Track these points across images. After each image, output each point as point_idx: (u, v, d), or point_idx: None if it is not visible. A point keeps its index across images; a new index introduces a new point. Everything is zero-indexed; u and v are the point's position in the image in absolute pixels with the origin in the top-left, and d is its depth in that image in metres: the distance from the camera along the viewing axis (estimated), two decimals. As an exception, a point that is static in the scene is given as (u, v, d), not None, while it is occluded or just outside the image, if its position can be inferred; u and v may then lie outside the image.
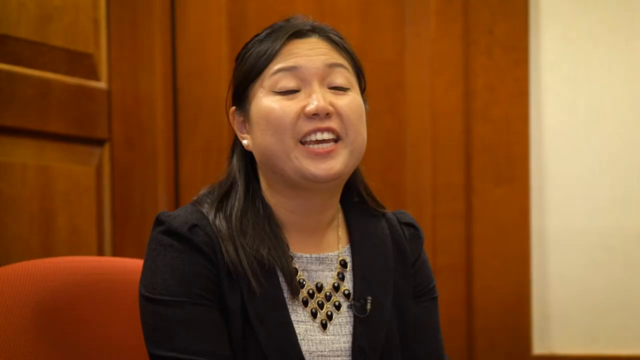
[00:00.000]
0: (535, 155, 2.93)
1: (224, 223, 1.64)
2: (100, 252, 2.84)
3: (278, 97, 1.64)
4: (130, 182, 2.95)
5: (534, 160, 2.93)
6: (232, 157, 1.74)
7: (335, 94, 1.65)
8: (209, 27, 3.00)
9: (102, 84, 2.89)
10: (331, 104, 1.63)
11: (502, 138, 2.93)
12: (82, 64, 2.82)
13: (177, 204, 2.95)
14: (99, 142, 2.89)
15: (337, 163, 1.63)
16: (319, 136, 1.63)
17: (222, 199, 1.68)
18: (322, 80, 1.65)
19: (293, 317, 1.63)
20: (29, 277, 1.73)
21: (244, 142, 1.70)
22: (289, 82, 1.64)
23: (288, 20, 1.72)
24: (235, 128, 1.72)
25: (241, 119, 1.71)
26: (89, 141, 2.86)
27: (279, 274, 1.64)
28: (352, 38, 2.91)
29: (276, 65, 1.65)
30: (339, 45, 1.69)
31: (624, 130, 2.91)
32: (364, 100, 1.71)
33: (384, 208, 1.80)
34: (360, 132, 1.66)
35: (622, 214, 2.90)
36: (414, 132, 2.97)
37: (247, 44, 1.72)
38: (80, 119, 2.80)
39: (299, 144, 1.62)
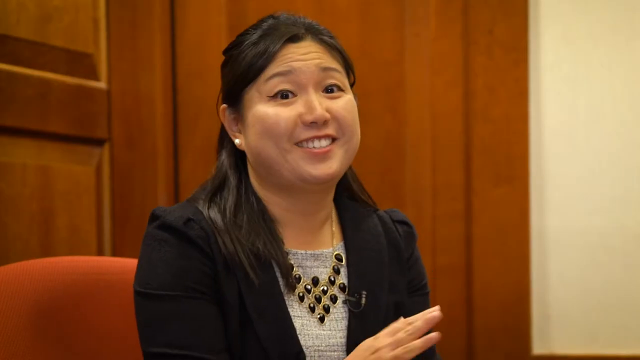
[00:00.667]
0: (535, 155, 2.93)
1: (218, 216, 1.65)
2: (100, 252, 2.84)
3: (274, 103, 1.65)
4: (130, 182, 2.95)
5: (534, 160, 2.93)
6: (220, 152, 1.75)
7: (330, 97, 1.67)
8: (209, 27, 3.00)
9: (102, 84, 2.89)
10: (328, 109, 1.65)
11: (502, 138, 2.93)
12: (82, 64, 2.82)
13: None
14: (99, 142, 2.89)
15: (334, 163, 1.66)
16: (317, 143, 1.65)
17: (214, 193, 1.69)
18: (317, 84, 1.67)
19: (290, 312, 1.64)
20: (28, 276, 1.73)
21: (236, 141, 1.71)
22: (284, 87, 1.66)
23: (276, 18, 1.72)
24: (227, 126, 1.73)
25: (232, 116, 1.72)
26: (88, 141, 2.86)
27: (275, 268, 1.65)
28: (352, 38, 2.95)
29: (271, 71, 1.66)
30: (331, 47, 1.70)
31: (624, 130, 2.91)
32: (354, 95, 1.72)
33: (375, 204, 1.81)
34: (355, 133, 1.69)
35: (622, 214, 2.90)
36: (414, 132, 2.97)
37: (237, 43, 1.72)
38: (80, 119, 2.80)
39: (295, 146, 1.64)
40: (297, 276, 1.68)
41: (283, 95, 1.66)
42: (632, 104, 2.91)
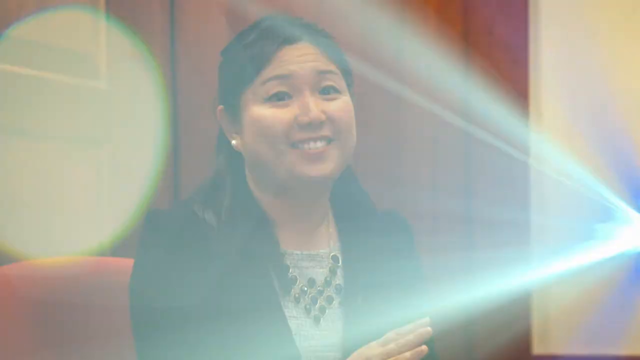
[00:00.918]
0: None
1: (213, 218, 1.66)
2: (100, 252, 2.84)
3: (270, 105, 1.66)
4: (130, 182, 2.95)
5: (534, 160, 2.93)
6: (218, 154, 1.75)
7: (326, 99, 1.67)
8: (209, 27, 3.00)
9: (102, 84, 2.89)
10: (323, 111, 1.65)
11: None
12: (82, 64, 2.82)
13: (177, 204, 2.95)
14: (99, 142, 2.89)
15: (330, 163, 1.66)
16: (312, 144, 1.65)
17: (210, 195, 1.70)
18: (313, 86, 1.67)
19: (285, 313, 1.65)
20: (27, 276, 1.74)
21: (233, 142, 1.72)
22: (280, 90, 1.66)
23: (273, 19, 1.72)
24: (224, 127, 1.74)
25: (229, 118, 1.72)
26: (88, 141, 2.86)
27: (270, 269, 1.65)
28: (352, 38, 2.94)
29: (268, 74, 1.66)
30: (329, 48, 1.70)
31: (624, 130, 2.91)
32: (352, 95, 1.72)
33: (373, 205, 1.82)
34: (351, 134, 1.69)
35: (622, 214, 2.91)
36: (414, 132, 2.97)
37: (234, 44, 1.72)
38: (80, 119, 2.80)
39: (291, 148, 1.64)
40: (293, 277, 1.68)
41: (279, 97, 1.66)
42: (632, 104, 2.91)
